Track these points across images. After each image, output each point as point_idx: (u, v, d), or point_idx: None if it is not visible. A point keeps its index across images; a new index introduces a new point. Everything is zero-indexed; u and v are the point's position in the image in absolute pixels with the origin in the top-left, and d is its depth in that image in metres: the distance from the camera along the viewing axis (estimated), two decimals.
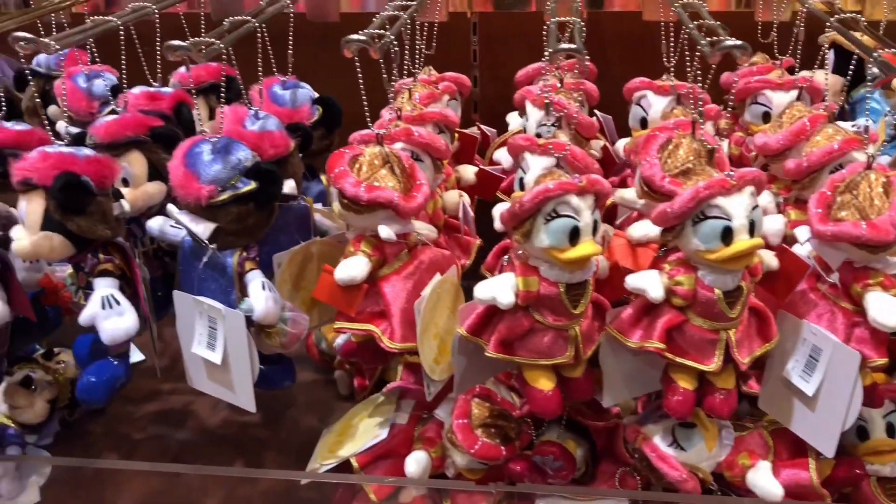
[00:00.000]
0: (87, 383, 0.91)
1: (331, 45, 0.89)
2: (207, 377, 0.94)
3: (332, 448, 1.00)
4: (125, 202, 0.92)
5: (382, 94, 0.95)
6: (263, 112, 0.99)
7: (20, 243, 0.86)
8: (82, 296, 0.91)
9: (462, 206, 1.02)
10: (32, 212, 0.85)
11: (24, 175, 0.85)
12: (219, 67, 1.18)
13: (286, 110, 1.08)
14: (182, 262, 0.93)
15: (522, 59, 1.25)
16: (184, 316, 0.92)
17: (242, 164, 0.87)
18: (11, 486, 1.13)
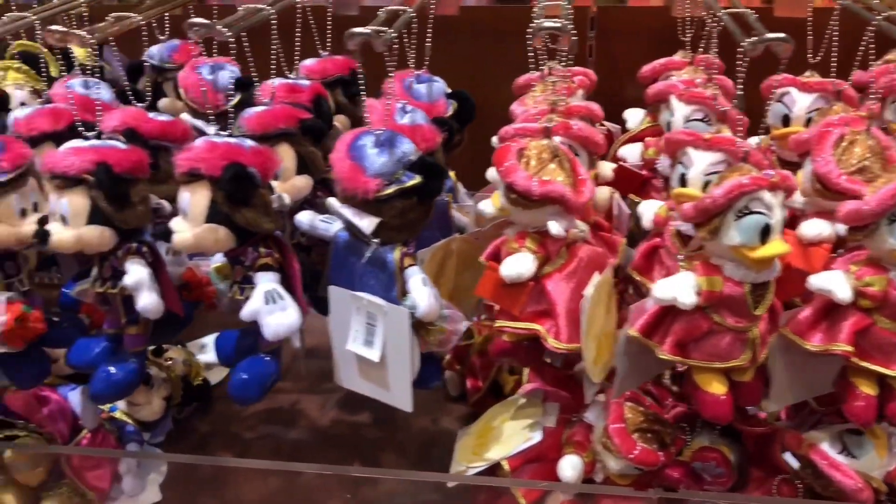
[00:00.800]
0: (240, 381, 0.89)
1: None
2: (359, 375, 0.92)
3: (476, 451, 0.98)
4: (285, 195, 0.90)
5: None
6: (410, 106, 0.97)
7: (182, 235, 0.84)
8: (237, 290, 0.89)
9: (616, 203, 0.99)
10: (197, 203, 0.83)
11: (191, 165, 0.82)
12: (346, 60, 1.16)
13: (424, 104, 1.05)
14: (335, 257, 0.91)
15: (639, 54, 1.22)
16: (338, 312, 0.90)
17: (407, 157, 0.85)
18: (134, 483, 1.12)
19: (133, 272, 0.86)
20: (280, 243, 0.88)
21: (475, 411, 1.25)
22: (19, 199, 0.89)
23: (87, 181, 0.84)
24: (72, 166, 0.84)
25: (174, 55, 1.28)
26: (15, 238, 0.90)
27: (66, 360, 0.97)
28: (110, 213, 0.85)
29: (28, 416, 1.07)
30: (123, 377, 0.92)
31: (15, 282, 0.94)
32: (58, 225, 0.86)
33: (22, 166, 0.90)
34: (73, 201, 0.85)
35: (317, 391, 1.37)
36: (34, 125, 0.97)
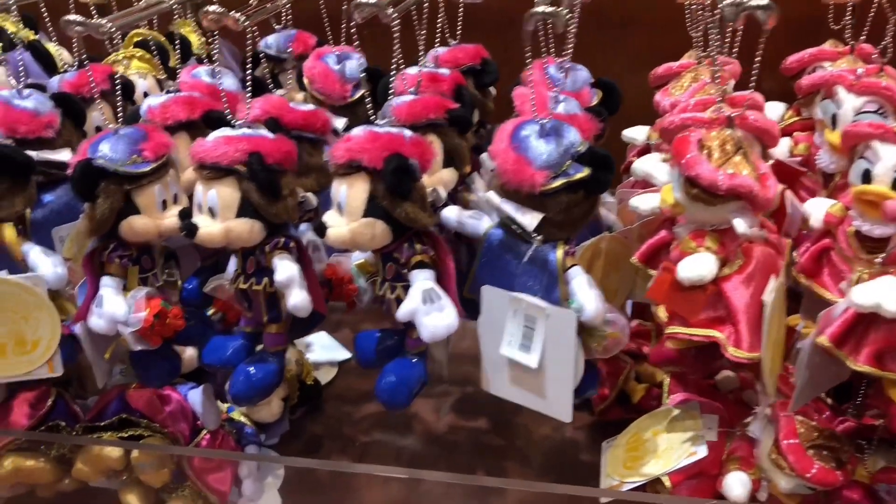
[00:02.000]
0: (389, 384, 0.84)
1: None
2: (510, 382, 0.86)
3: (628, 464, 0.91)
4: (441, 189, 0.85)
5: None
6: (563, 95, 0.91)
7: (337, 230, 0.79)
8: (388, 289, 0.84)
9: (790, 201, 0.92)
10: (355, 197, 0.78)
11: (350, 156, 0.78)
12: (477, 49, 1.11)
13: (568, 94, 0.99)
14: (486, 255, 0.85)
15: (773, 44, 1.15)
16: (491, 314, 0.84)
17: (575, 147, 0.79)
18: (254, 487, 1.08)
19: (283, 269, 0.81)
20: (435, 239, 0.82)
21: (600, 421, 1.20)
22: (161, 191, 0.85)
23: (239, 172, 0.80)
24: (224, 156, 0.79)
25: (292, 45, 1.24)
26: (157, 230, 0.86)
27: (199, 360, 0.93)
28: (261, 205, 0.80)
29: (151, 415, 1.03)
30: (264, 377, 0.88)
31: (150, 276, 0.90)
32: (205, 218, 0.82)
33: (164, 155, 0.86)
34: (223, 193, 0.80)
35: (429, 395, 1.31)
36: (169, 113, 0.94)
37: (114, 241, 0.86)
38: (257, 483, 1.09)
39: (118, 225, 0.84)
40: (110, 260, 0.86)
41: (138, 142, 0.85)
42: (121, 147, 0.84)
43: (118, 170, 0.82)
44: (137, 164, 0.84)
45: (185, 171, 0.91)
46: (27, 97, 0.94)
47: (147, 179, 0.84)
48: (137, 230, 0.84)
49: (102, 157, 0.83)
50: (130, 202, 0.84)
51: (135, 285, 0.88)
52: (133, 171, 0.83)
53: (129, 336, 0.86)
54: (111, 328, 0.86)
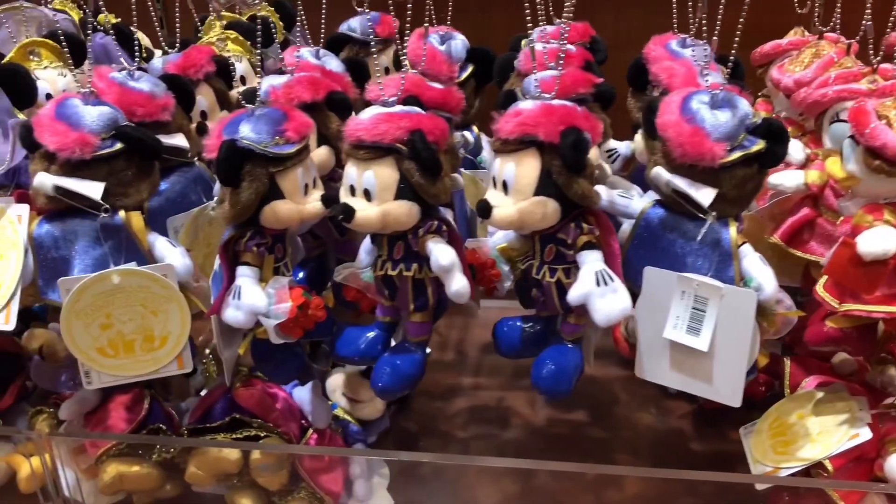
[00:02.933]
0: (550, 372, 0.80)
1: None
2: (672, 367, 0.83)
3: (780, 450, 0.89)
4: (606, 166, 0.81)
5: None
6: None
7: (504, 210, 0.75)
8: (547, 272, 0.80)
9: None
10: (525, 174, 0.74)
11: (524, 131, 0.74)
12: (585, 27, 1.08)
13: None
14: (641, 236, 0.82)
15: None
16: (654, 296, 0.81)
17: (749, 118, 0.76)
18: (365, 487, 1.03)
19: (444, 253, 0.77)
20: (600, 219, 0.78)
21: (706, 408, 1.17)
22: (304, 174, 0.81)
23: (400, 151, 0.75)
24: (385, 134, 0.75)
25: (376, 27, 1.20)
26: (300, 216, 0.81)
27: (333, 352, 0.88)
28: (422, 186, 0.76)
29: (263, 415, 0.98)
30: (410, 369, 0.83)
31: (281, 266, 0.85)
32: (360, 201, 0.77)
33: (307, 136, 0.81)
34: (381, 173, 0.76)
35: (518, 387, 1.28)
36: (294, 94, 0.89)
37: (251, 229, 0.81)
38: (368, 483, 1.04)
39: (260, 211, 0.79)
40: (248, 248, 0.81)
41: (280, 122, 0.80)
42: (263, 127, 0.79)
43: (265, 151, 0.77)
44: (281, 146, 0.79)
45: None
46: (140, 79, 0.89)
47: (291, 161, 0.79)
48: (281, 216, 0.79)
49: (245, 137, 0.78)
50: (274, 186, 0.79)
51: (270, 275, 0.83)
52: (278, 152, 0.78)
53: (272, 329, 0.81)
54: (250, 321, 0.81)
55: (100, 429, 0.98)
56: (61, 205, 0.80)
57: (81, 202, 0.79)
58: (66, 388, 1.04)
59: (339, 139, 0.93)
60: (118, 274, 0.80)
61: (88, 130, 0.78)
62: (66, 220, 0.81)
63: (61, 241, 0.81)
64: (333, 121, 0.92)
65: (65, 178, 0.78)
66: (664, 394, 1.23)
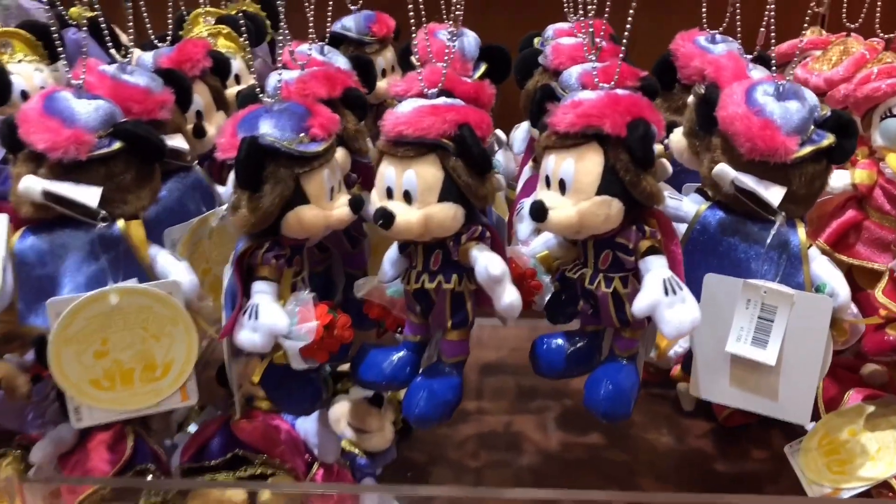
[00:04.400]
0: (609, 393, 0.73)
1: None
2: (733, 383, 0.76)
3: (837, 469, 0.83)
4: (667, 163, 0.74)
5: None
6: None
7: (563, 212, 0.68)
8: (602, 281, 0.73)
9: None
10: (586, 171, 0.67)
11: (588, 122, 0.66)
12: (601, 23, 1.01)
13: None
14: (698, 238, 0.76)
15: None
16: (714, 306, 0.74)
17: (818, 111, 0.71)
18: None
19: (493, 262, 0.69)
20: (662, 221, 0.72)
21: (726, 426, 1.11)
22: (330, 176, 0.72)
23: (446, 147, 0.67)
24: (431, 128, 0.67)
25: (373, 26, 1.12)
26: (326, 223, 0.72)
27: (356, 377, 0.79)
28: (470, 186, 0.68)
29: (267, 450, 0.88)
30: (448, 394, 0.75)
31: (298, 281, 0.76)
32: (400, 204, 0.69)
33: (334, 133, 0.72)
34: (424, 173, 0.68)
35: (526, 410, 1.20)
36: (309, 90, 0.80)
37: (269, 239, 0.72)
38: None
39: (281, 218, 0.70)
40: (266, 261, 0.72)
41: (304, 118, 0.71)
42: (286, 123, 0.70)
43: (291, 149, 0.68)
44: (306, 144, 0.70)
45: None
46: (134, 73, 0.79)
47: (318, 162, 0.70)
48: (306, 223, 0.70)
49: (268, 135, 0.69)
50: (299, 189, 0.70)
51: (288, 292, 0.74)
52: (305, 150, 0.69)
53: (294, 352, 0.71)
54: (268, 343, 0.71)
55: (79, 472, 0.86)
56: (49, 214, 0.69)
57: (74, 210, 0.69)
58: (34, 429, 0.92)
59: (354, 140, 0.84)
60: (117, 293, 0.69)
61: (84, 127, 0.68)
62: (54, 231, 0.70)
63: (48, 257, 0.70)
64: (349, 119, 0.83)
65: (56, 183, 0.67)
66: (679, 412, 1.16)
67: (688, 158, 0.83)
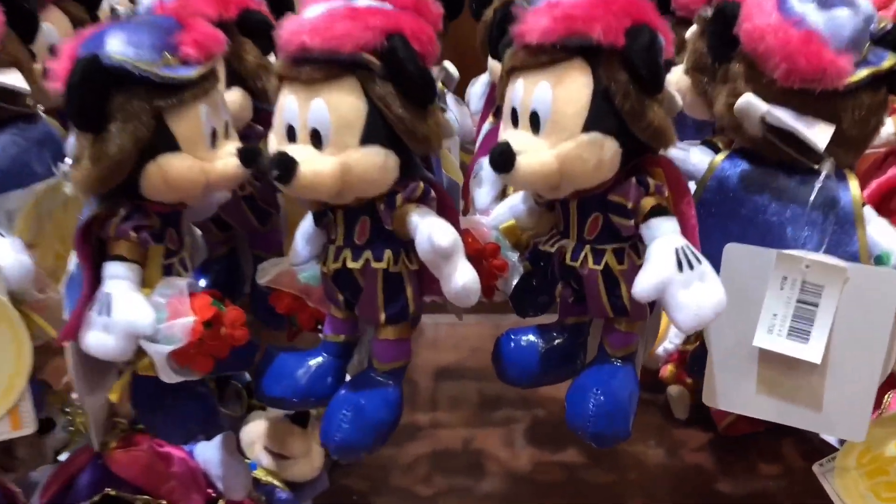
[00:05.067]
0: (600, 406, 0.53)
1: None
2: (762, 389, 0.57)
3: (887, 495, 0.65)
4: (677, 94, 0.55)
5: None
6: None
7: (536, 157, 0.48)
8: (590, 255, 0.53)
9: None
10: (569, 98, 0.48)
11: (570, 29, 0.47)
12: None
13: None
14: (713, 197, 0.57)
15: None
16: (736, 285, 0.55)
17: (875, 23, 0.53)
18: None
19: (441, 230, 0.49)
20: (670, 172, 0.53)
21: (727, 438, 0.93)
22: (210, 114, 0.52)
23: (370, 66, 0.47)
24: (346, 38, 0.47)
25: None
26: (205, 179, 0.52)
27: (257, 392, 0.59)
28: (406, 122, 0.48)
29: (151, 487, 0.67)
30: (382, 412, 0.55)
31: (175, 263, 0.56)
32: (308, 148, 0.49)
33: (215, 56, 0.52)
34: (338, 103, 0.48)
35: (490, 422, 1.01)
36: (194, 7, 0.59)
37: (127, 204, 0.51)
38: None
39: (140, 171, 0.50)
40: (122, 234, 0.51)
41: (171, 32, 0.50)
42: (144, 39, 0.49)
43: (149, 72, 0.48)
44: (173, 68, 0.50)
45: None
46: None
47: (191, 92, 0.50)
48: (175, 178, 0.50)
49: (117, 53, 0.48)
50: (164, 130, 0.49)
51: (157, 277, 0.54)
52: (170, 75, 0.49)
53: (162, 359, 0.51)
54: (126, 347, 0.51)
55: None
56: None
57: None
58: None
59: (256, 78, 0.64)
60: None
61: None
62: None
63: None
64: (249, 51, 0.63)
65: None
66: (671, 421, 0.98)
67: (691, 102, 0.65)
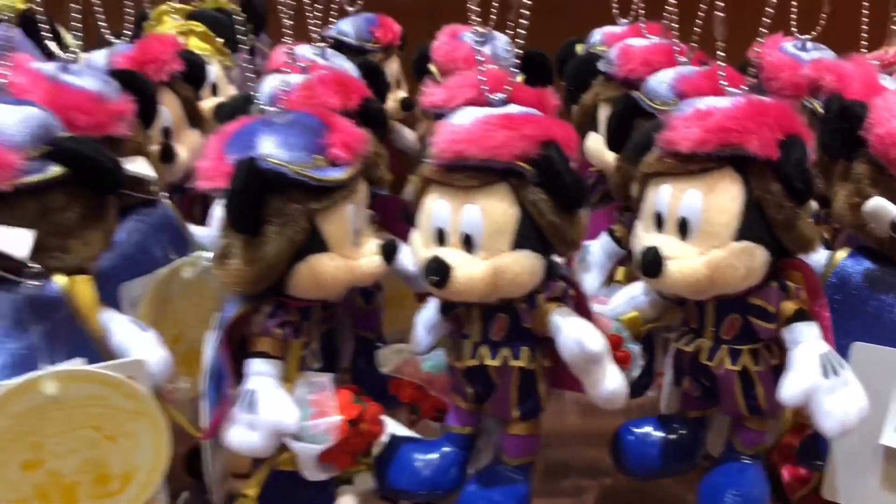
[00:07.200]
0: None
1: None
2: (886, 485, 0.57)
3: None
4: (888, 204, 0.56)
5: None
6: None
7: (686, 264, 0.49)
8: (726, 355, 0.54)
9: None
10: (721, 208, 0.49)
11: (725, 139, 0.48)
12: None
13: None
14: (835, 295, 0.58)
15: None
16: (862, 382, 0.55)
17: None
18: None
19: (590, 335, 0.50)
20: (808, 277, 0.53)
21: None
22: (355, 213, 0.52)
23: (524, 174, 0.48)
24: (504, 148, 0.48)
25: (376, 31, 0.94)
26: (350, 277, 0.52)
27: (382, 483, 0.59)
28: (558, 228, 0.49)
29: None
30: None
31: (308, 353, 0.56)
32: (460, 253, 0.49)
33: (360, 155, 0.53)
34: (491, 210, 0.49)
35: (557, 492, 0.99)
36: (318, 99, 0.60)
37: (270, 301, 0.52)
38: None
39: (289, 270, 0.50)
40: (267, 332, 0.52)
41: (319, 133, 0.51)
42: (295, 141, 0.50)
43: (305, 176, 0.49)
44: (323, 170, 0.50)
45: None
46: (81, 73, 0.58)
47: (341, 194, 0.51)
48: (325, 278, 0.51)
49: (272, 156, 0.49)
50: (315, 232, 0.50)
51: (296, 369, 0.54)
52: (323, 177, 0.50)
53: (311, 458, 0.51)
54: (271, 445, 0.51)
55: None
56: None
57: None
58: None
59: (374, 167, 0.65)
60: (55, 380, 0.48)
61: (7, 143, 0.47)
62: None
63: None
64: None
65: None
66: None
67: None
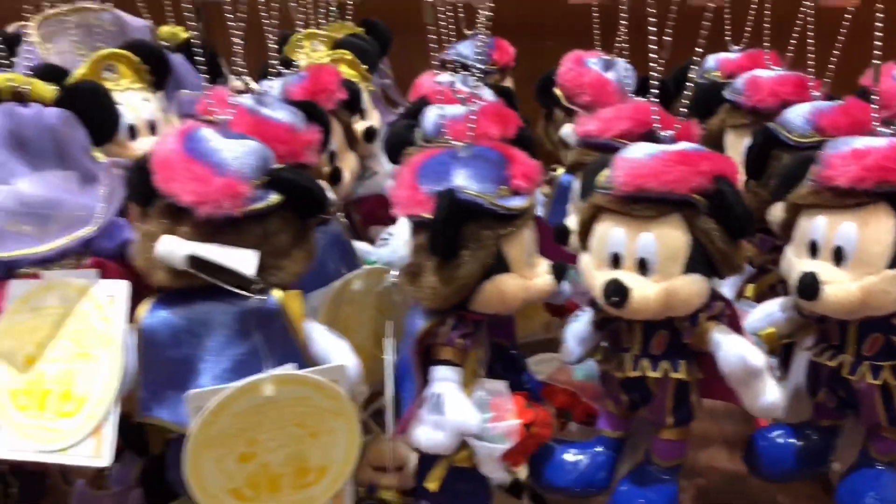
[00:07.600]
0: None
1: None
2: None
3: None
4: None
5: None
6: None
7: (842, 289, 0.54)
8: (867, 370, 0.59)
9: None
10: (875, 239, 0.54)
11: (884, 178, 0.53)
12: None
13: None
14: None
15: None
16: None
17: None
18: None
19: (750, 350, 0.55)
20: None
21: None
22: (530, 237, 0.58)
23: (696, 205, 0.54)
24: (681, 182, 0.53)
25: (493, 54, 0.99)
26: (526, 295, 0.58)
27: (539, 480, 0.64)
28: (726, 254, 0.54)
29: None
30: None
31: (479, 365, 0.62)
32: (636, 276, 0.55)
33: (537, 185, 0.59)
34: (666, 237, 0.54)
35: None
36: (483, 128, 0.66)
37: (453, 315, 0.58)
38: None
39: (475, 288, 0.56)
40: (450, 342, 0.58)
41: (502, 166, 0.57)
42: (484, 174, 0.56)
43: (496, 206, 0.55)
44: (507, 198, 0.56)
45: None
46: (272, 105, 0.65)
47: (521, 220, 0.57)
48: (507, 295, 0.57)
49: (467, 188, 0.55)
50: (500, 254, 0.56)
51: (471, 378, 0.60)
52: (511, 207, 0.56)
53: (493, 457, 0.57)
54: (453, 444, 0.57)
55: None
56: (187, 282, 0.55)
57: (223, 279, 0.54)
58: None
59: None
60: (273, 382, 0.55)
61: (237, 175, 0.54)
62: (193, 304, 0.55)
63: (185, 335, 0.55)
64: None
65: (206, 246, 0.53)
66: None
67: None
